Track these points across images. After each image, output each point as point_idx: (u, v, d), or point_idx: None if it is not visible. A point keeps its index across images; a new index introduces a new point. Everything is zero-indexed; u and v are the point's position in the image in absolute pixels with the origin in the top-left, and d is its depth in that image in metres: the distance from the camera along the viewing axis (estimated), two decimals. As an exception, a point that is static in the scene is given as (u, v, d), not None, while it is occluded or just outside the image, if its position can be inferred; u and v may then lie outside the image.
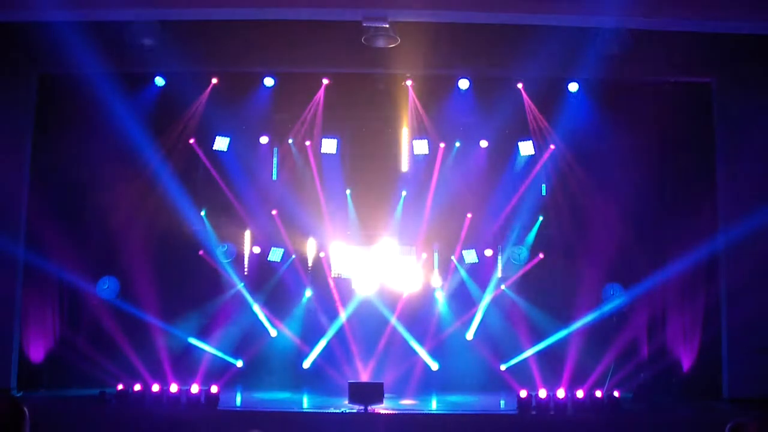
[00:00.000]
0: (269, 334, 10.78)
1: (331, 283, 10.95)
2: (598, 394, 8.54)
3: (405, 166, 11.12)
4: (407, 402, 9.51)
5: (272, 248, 10.91)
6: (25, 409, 2.77)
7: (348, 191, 11.08)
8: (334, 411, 8.39)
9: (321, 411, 8.59)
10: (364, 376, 10.22)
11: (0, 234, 9.57)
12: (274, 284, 10.97)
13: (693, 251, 9.94)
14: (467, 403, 9.59)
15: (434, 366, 10.63)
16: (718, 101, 10.20)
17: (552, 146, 10.72)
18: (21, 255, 9.83)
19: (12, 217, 9.84)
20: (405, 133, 10.98)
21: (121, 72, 9.82)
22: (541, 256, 10.79)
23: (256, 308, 10.77)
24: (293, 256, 11.00)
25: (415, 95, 10.69)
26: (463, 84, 10.56)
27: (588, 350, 10.12)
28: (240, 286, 10.84)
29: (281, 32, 9.42)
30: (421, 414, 8.77)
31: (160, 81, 10.46)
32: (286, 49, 9.77)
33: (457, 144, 11.01)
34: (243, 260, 11.01)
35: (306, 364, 10.67)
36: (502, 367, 10.48)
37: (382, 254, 10.99)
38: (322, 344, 10.68)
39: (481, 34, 9.31)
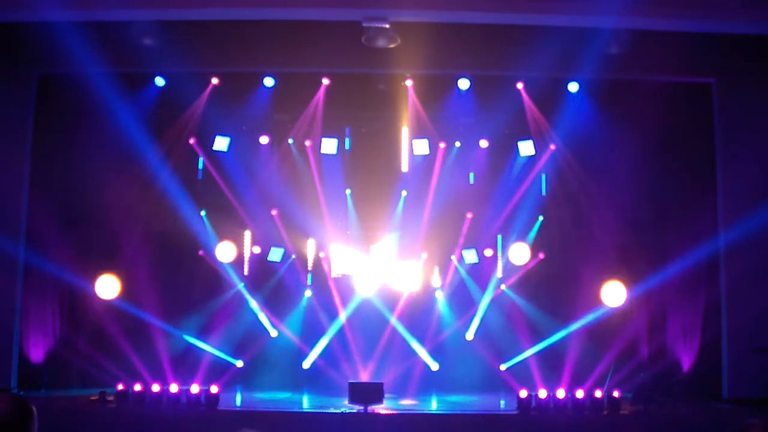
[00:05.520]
0: (269, 334, 10.78)
1: (331, 283, 10.95)
2: (598, 394, 8.54)
3: (405, 166, 11.12)
4: (407, 402, 9.51)
5: (272, 248, 10.90)
6: (33, 408, 2.76)
7: (348, 191, 11.08)
8: (334, 411, 8.39)
9: (321, 411, 8.58)
10: (364, 376, 10.22)
11: (0, 234, 9.57)
12: (274, 284, 10.98)
13: (693, 251, 9.94)
14: (467, 403, 9.59)
15: (434, 366, 10.63)
16: (718, 101, 10.20)
17: (552, 146, 10.71)
18: (21, 255, 9.84)
19: (12, 217, 9.84)
20: (405, 133, 10.99)
21: (121, 72, 9.81)
22: (541, 256, 10.79)
23: (256, 308, 10.77)
24: (293, 256, 11.00)
25: (415, 95, 10.68)
26: (463, 84, 10.56)
27: (588, 350, 10.12)
28: (240, 286, 10.84)
29: (281, 32, 9.43)
30: (421, 414, 8.76)
31: (160, 81, 10.45)
32: (286, 49, 9.77)
33: (457, 144, 11.01)
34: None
35: (306, 364, 10.67)
36: (502, 367, 10.48)
37: (382, 254, 10.98)
38: (322, 344, 10.69)
39: (481, 34, 9.32)
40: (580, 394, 8.52)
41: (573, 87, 10.45)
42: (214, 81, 10.54)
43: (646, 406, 8.76)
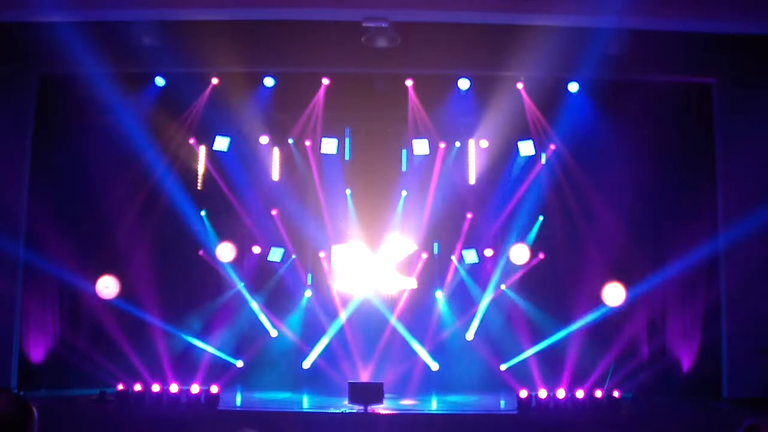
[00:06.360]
0: (269, 334, 10.78)
1: (331, 283, 10.95)
2: (598, 394, 8.54)
3: (405, 166, 11.12)
4: (407, 402, 9.51)
5: (272, 248, 10.90)
6: (34, 408, 2.76)
7: (348, 191, 11.08)
8: (334, 411, 8.39)
9: (321, 411, 8.59)
10: (364, 376, 10.22)
11: (0, 234, 9.57)
12: (274, 284, 10.98)
13: (693, 251, 9.94)
14: (467, 403, 9.59)
15: (434, 366, 10.63)
16: (718, 101, 10.20)
17: (552, 146, 10.71)
18: (21, 255, 9.84)
19: (12, 217, 9.84)
20: (405, 133, 10.98)
21: (121, 72, 9.81)
22: (541, 256, 10.79)
23: (256, 308, 10.77)
24: (293, 256, 11.00)
25: (415, 95, 10.68)
26: (463, 84, 10.56)
27: (588, 350, 10.12)
28: (240, 286, 10.84)
29: (281, 32, 9.43)
30: (421, 414, 8.76)
31: (160, 81, 10.45)
32: (286, 49, 9.78)
33: (457, 144, 11.01)
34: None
35: (306, 364, 10.67)
36: (502, 367, 10.48)
37: (382, 254, 10.98)
38: (322, 344, 10.69)
39: (481, 34, 9.32)
40: (580, 394, 8.52)
41: (573, 87, 10.45)
42: (214, 81, 10.55)
43: (646, 406, 8.76)
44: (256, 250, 11.00)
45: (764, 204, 9.46)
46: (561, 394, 8.54)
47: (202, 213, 10.83)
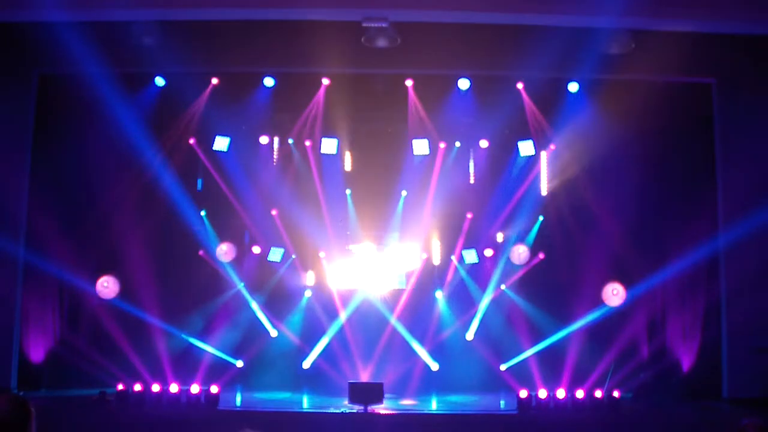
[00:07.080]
0: (269, 334, 10.78)
1: (332, 284, 10.95)
2: (598, 394, 8.54)
3: (405, 166, 11.12)
4: (407, 402, 9.51)
5: (272, 248, 10.90)
6: (32, 408, 2.76)
7: (348, 191, 11.07)
8: (334, 411, 8.39)
9: (321, 411, 8.59)
10: (364, 376, 10.22)
11: (0, 234, 9.57)
12: (274, 284, 10.98)
13: (693, 251, 9.94)
14: (467, 403, 9.59)
15: (434, 366, 10.63)
16: (718, 101, 10.20)
17: (552, 146, 10.71)
18: (21, 255, 9.84)
19: (12, 217, 9.84)
20: (405, 133, 10.98)
21: (121, 72, 9.81)
22: (541, 256, 10.78)
23: (256, 308, 10.77)
24: (293, 256, 11.00)
25: (415, 95, 10.68)
26: (463, 84, 10.55)
27: (588, 350, 10.12)
28: (240, 286, 10.84)
29: (281, 32, 9.44)
30: (421, 414, 8.76)
31: (160, 81, 10.45)
32: (286, 49, 9.78)
33: (457, 144, 11.01)
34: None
35: (306, 364, 10.67)
36: (502, 367, 10.48)
37: (382, 254, 10.98)
38: (322, 344, 10.69)
39: (481, 34, 9.32)
40: (580, 394, 8.52)
41: (573, 87, 10.45)
42: (214, 81, 10.54)
43: (646, 406, 8.76)
44: (256, 250, 10.99)
45: (764, 204, 9.46)
46: (561, 394, 8.53)
47: (202, 213, 10.84)
